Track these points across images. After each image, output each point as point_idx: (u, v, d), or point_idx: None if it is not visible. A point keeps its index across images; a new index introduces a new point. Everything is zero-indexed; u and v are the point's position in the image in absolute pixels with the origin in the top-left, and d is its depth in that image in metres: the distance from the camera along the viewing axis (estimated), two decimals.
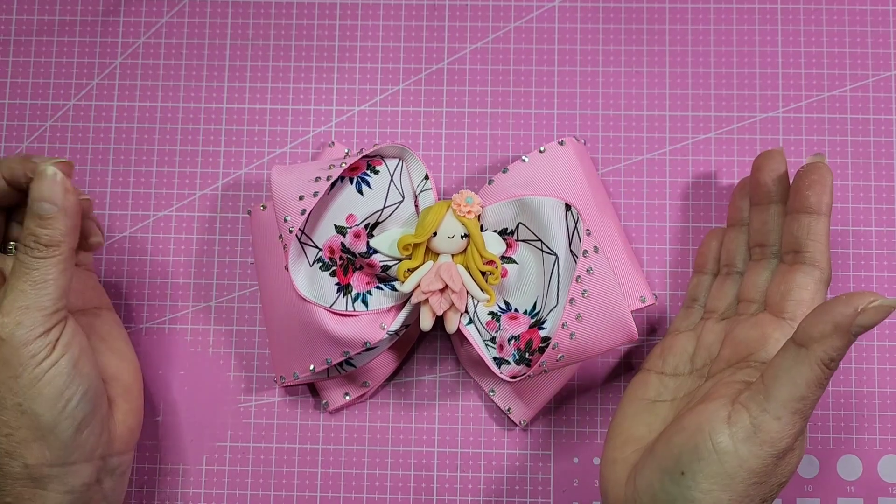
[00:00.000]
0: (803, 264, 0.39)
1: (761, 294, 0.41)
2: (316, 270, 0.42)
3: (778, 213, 0.41)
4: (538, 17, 0.48)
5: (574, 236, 0.40)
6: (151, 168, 0.48)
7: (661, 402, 0.41)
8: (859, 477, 0.45)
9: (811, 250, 0.39)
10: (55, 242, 0.37)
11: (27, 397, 0.37)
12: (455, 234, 0.41)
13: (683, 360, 0.42)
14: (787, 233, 0.40)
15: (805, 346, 0.33)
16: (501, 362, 0.41)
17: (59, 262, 0.38)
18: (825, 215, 0.39)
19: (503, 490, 0.45)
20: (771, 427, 0.34)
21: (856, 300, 0.33)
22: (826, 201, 0.39)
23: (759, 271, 0.41)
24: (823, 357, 0.33)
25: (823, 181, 0.39)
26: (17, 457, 0.37)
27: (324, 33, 0.49)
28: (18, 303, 0.37)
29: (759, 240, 0.42)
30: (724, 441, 0.34)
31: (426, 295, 0.40)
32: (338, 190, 0.42)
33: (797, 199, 0.39)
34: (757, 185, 0.42)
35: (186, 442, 0.46)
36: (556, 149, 0.43)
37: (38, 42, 0.49)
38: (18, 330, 0.36)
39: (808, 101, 0.47)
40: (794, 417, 0.34)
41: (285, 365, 0.43)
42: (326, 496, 0.45)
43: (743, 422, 0.34)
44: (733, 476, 0.34)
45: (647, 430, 0.40)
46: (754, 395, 0.34)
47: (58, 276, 0.37)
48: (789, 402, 0.33)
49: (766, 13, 0.48)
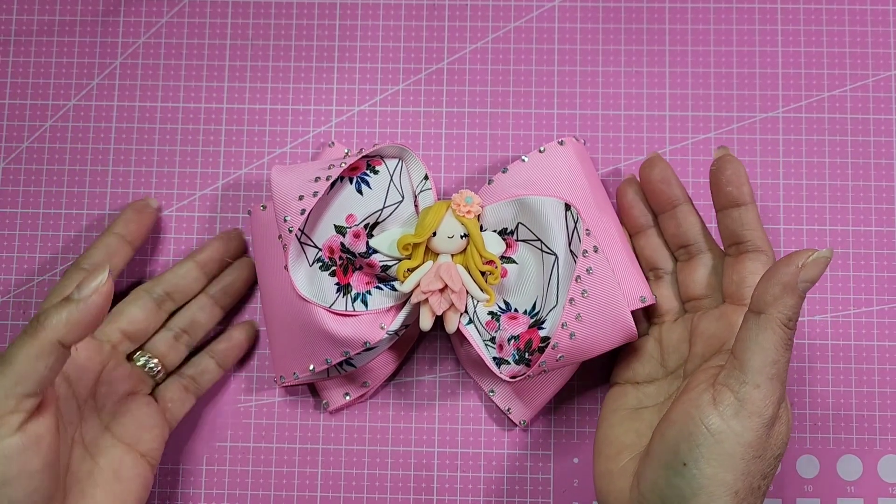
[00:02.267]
0: (748, 252, 0.40)
1: (706, 288, 0.42)
2: (315, 270, 0.42)
3: (687, 211, 0.42)
4: (538, 17, 0.48)
5: (574, 236, 0.40)
6: (151, 168, 0.48)
7: (643, 408, 0.41)
8: (859, 477, 0.45)
9: (751, 238, 0.40)
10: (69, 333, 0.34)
11: None
12: (455, 234, 0.41)
13: (653, 365, 0.42)
14: (723, 229, 0.41)
15: (762, 311, 0.35)
16: (501, 362, 0.41)
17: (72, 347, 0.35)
18: (751, 203, 0.40)
19: (503, 490, 0.45)
20: (754, 396, 0.35)
21: (796, 258, 0.35)
22: (747, 191, 0.40)
23: (694, 269, 0.42)
24: (781, 318, 0.35)
25: (738, 172, 0.40)
26: None
27: (324, 33, 0.49)
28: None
29: (679, 242, 0.42)
30: (716, 421, 0.35)
31: (426, 295, 0.40)
32: (337, 190, 0.42)
33: (721, 197, 0.40)
34: (655, 195, 0.42)
35: (186, 442, 0.46)
36: (555, 148, 0.43)
37: (38, 42, 0.49)
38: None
39: (808, 101, 0.47)
40: (772, 383, 0.35)
41: (285, 365, 0.43)
42: (326, 496, 0.45)
43: (727, 399, 0.35)
44: (733, 454, 0.35)
45: (636, 436, 0.40)
46: (731, 372, 0.35)
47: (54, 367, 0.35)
48: (764, 368, 0.35)
49: (766, 13, 0.48)
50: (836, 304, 0.46)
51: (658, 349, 0.43)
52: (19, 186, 0.48)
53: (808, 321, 0.46)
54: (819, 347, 0.46)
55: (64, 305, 0.34)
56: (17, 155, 0.48)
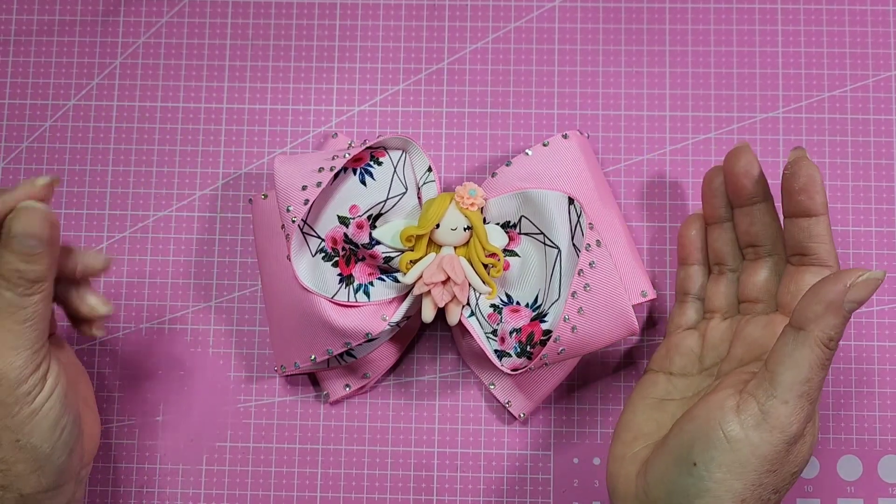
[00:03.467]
0: (812, 266, 0.39)
1: (763, 293, 0.41)
2: (318, 260, 0.42)
3: (763, 211, 0.41)
4: (538, 17, 0.48)
5: (577, 230, 0.40)
6: (151, 168, 0.48)
7: (670, 400, 0.41)
8: (859, 477, 0.45)
9: (817, 252, 0.39)
10: (41, 278, 0.36)
11: (24, 433, 0.36)
12: (458, 227, 0.41)
13: (691, 359, 0.42)
14: (789, 237, 0.39)
15: (802, 328, 0.34)
16: (502, 355, 0.41)
17: (44, 298, 0.37)
18: (823, 214, 0.39)
19: (503, 490, 0.45)
20: (779, 412, 0.34)
21: (845, 277, 0.34)
22: (820, 200, 0.38)
23: (756, 271, 0.41)
24: (822, 336, 0.34)
25: (813, 181, 0.38)
26: (12, 489, 0.37)
27: (324, 33, 0.49)
28: (9, 343, 0.36)
29: (749, 241, 0.41)
30: (735, 429, 0.34)
31: (428, 287, 0.40)
32: (341, 180, 0.42)
33: (791, 205, 0.39)
34: (735, 188, 0.41)
35: (186, 442, 0.46)
36: (559, 142, 0.43)
37: (38, 42, 0.49)
38: (12, 371, 0.36)
39: (808, 101, 0.47)
40: (801, 400, 0.34)
41: (286, 354, 0.43)
42: (326, 496, 0.45)
43: (751, 409, 0.34)
44: (745, 464, 0.34)
45: (657, 426, 0.40)
46: (760, 383, 0.35)
47: (44, 311, 0.37)
48: (794, 385, 0.34)
49: (766, 13, 0.48)
50: None
51: (700, 344, 0.42)
52: None
53: None
54: None
55: None
56: (17, 155, 0.48)
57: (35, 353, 0.37)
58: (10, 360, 0.36)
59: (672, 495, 0.35)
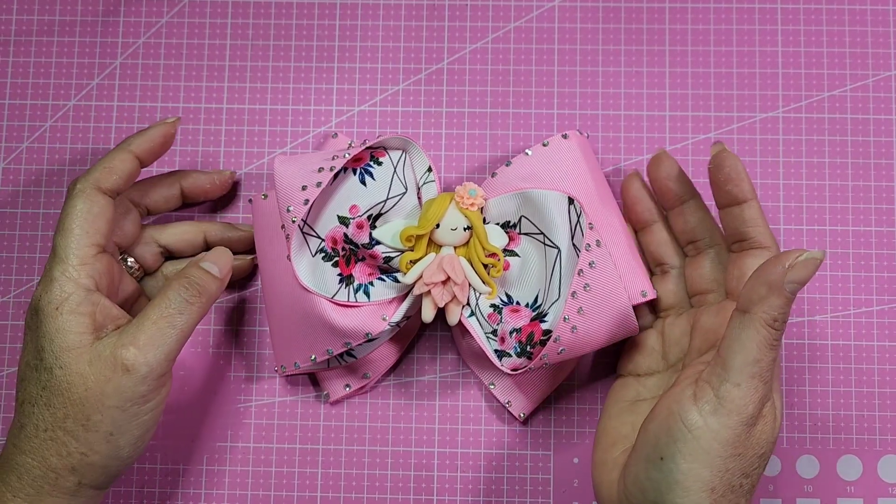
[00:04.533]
0: (751, 249, 0.40)
1: (711, 283, 0.42)
2: (318, 261, 0.42)
3: (695, 207, 0.42)
4: (538, 17, 0.48)
5: (577, 230, 0.40)
6: (151, 168, 0.48)
7: (641, 401, 0.42)
8: (859, 477, 0.45)
9: (754, 235, 0.39)
10: (209, 295, 0.39)
11: (121, 430, 0.38)
12: (458, 226, 0.41)
13: (654, 358, 0.43)
14: (726, 226, 0.40)
15: (747, 311, 0.35)
16: (503, 355, 0.41)
17: (198, 314, 0.39)
18: (752, 199, 0.39)
19: (503, 490, 0.45)
20: (733, 395, 0.35)
21: (784, 258, 0.34)
22: (747, 187, 0.39)
23: (700, 263, 0.42)
24: (766, 318, 0.34)
25: (737, 170, 0.39)
26: (76, 474, 0.38)
27: (324, 33, 0.49)
28: (156, 341, 0.37)
29: (688, 238, 0.42)
30: (694, 417, 0.35)
31: (428, 287, 0.40)
32: (341, 181, 0.42)
33: (721, 196, 0.40)
34: (663, 192, 0.42)
35: (186, 442, 0.46)
36: (559, 142, 0.43)
37: (38, 42, 0.49)
38: (144, 367, 0.37)
39: (808, 101, 0.47)
40: (753, 381, 0.35)
41: (286, 354, 0.43)
42: (326, 496, 0.45)
43: (707, 396, 0.35)
44: (709, 451, 0.35)
45: (632, 429, 0.40)
46: (713, 369, 0.35)
47: (191, 328, 0.39)
48: (744, 367, 0.35)
49: (766, 13, 0.48)
50: (836, 304, 0.46)
51: (660, 342, 0.43)
52: (19, 186, 0.48)
53: (808, 321, 0.46)
54: (819, 347, 0.46)
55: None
56: (17, 155, 0.48)
57: (168, 360, 0.38)
58: (147, 355, 0.37)
59: (646, 493, 0.36)
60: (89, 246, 0.39)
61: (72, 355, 0.37)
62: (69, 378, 0.37)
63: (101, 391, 0.37)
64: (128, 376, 0.37)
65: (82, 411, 0.37)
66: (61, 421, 0.37)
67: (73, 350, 0.37)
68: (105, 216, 0.40)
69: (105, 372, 0.37)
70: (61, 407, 0.37)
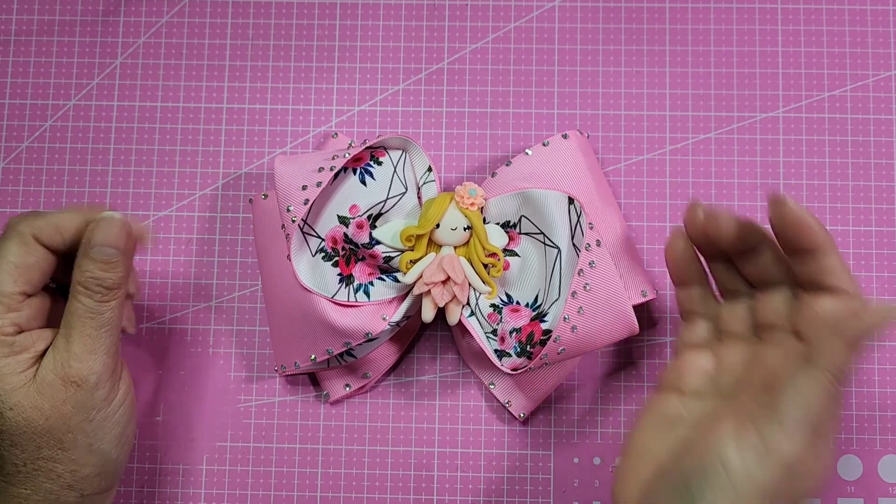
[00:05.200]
0: (827, 293, 0.35)
1: (781, 318, 0.37)
2: (318, 260, 0.42)
3: (767, 253, 0.37)
4: (538, 17, 0.48)
5: (577, 230, 0.41)
6: (151, 168, 0.48)
7: (680, 421, 0.38)
8: (859, 477, 0.45)
9: (830, 282, 0.35)
10: (118, 285, 0.38)
11: (97, 437, 0.38)
12: (458, 226, 0.41)
13: (704, 380, 0.38)
14: (797, 271, 0.36)
15: (810, 357, 0.33)
16: (502, 354, 0.41)
17: (120, 304, 0.38)
18: (828, 245, 0.35)
19: (503, 490, 0.45)
20: (777, 438, 0.33)
21: (858, 311, 0.33)
22: (818, 234, 0.34)
23: (772, 297, 0.37)
24: (828, 367, 0.33)
25: (802, 220, 0.34)
26: (76, 489, 0.38)
27: (324, 33, 0.49)
28: (88, 348, 0.37)
29: (758, 279, 0.38)
30: (731, 456, 0.33)
31: (428, 286, 0.41)
32: (341, 180, 0.42)
33: (789, 245, 0.36)
34: (734, 248, 0.38)
35: (186, 442, 0.46)
36: (559, 142, 0.43)
37: (38, 42, 0.49)
38: (92, 376, 0.37)
39: (808, 101, 0.47)
40: (801, 431, 0.33)
41: (286, 354, 0.43)
42: (326, 496, 0.45)
43: (749, 437, 0.33)
44: (741, 492, 0.33)
45: (663, 446, 0.37)
46: (761, 410, 0.34)
47: (119, 317, 0.38)
48: (796, 413, 0.33)
49: (766, 13, 0.48)
50: None
51: (711, 363, 0.39)
52: (19, 186, 0.48)
53: None
54: None
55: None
56: (17, 155, 0.48)
57: (111, 357, 0.38)
58: (89, 364, 0.37)
59: None
60: (18, 293, 0.38)
61: (19, 394, 0.37)
62: (25, 415, 0.37)
63: (60, 414, 0.37)
64: (80, 390, 0.37)
65: (52, 438, 0.37)
66: (36, 453, 0.37)
67: (18, 389, 0.37)
68: (41, 268, 0.38)
69: (58, 395, 0.37)
70: (30, 442, 0.37)
